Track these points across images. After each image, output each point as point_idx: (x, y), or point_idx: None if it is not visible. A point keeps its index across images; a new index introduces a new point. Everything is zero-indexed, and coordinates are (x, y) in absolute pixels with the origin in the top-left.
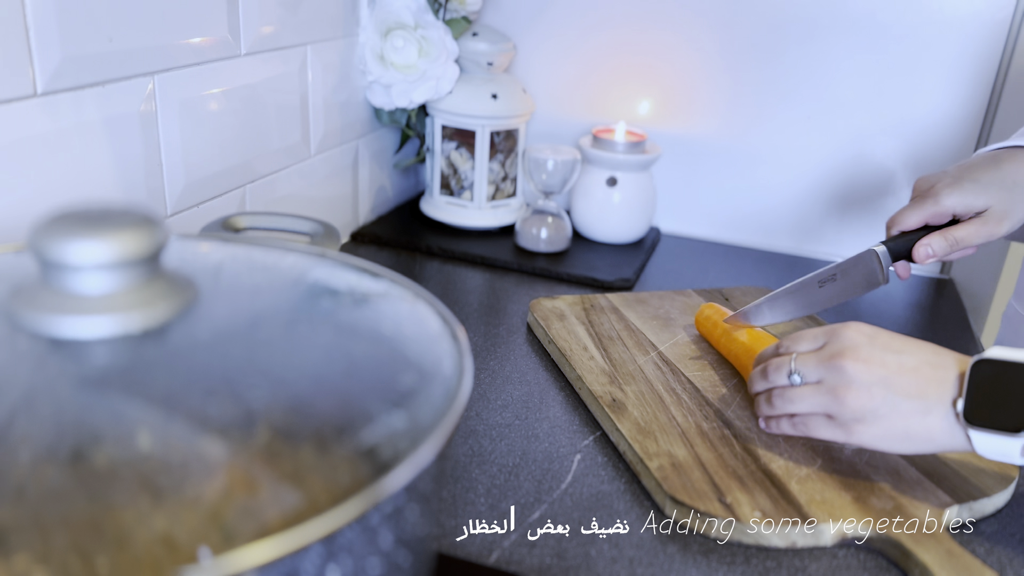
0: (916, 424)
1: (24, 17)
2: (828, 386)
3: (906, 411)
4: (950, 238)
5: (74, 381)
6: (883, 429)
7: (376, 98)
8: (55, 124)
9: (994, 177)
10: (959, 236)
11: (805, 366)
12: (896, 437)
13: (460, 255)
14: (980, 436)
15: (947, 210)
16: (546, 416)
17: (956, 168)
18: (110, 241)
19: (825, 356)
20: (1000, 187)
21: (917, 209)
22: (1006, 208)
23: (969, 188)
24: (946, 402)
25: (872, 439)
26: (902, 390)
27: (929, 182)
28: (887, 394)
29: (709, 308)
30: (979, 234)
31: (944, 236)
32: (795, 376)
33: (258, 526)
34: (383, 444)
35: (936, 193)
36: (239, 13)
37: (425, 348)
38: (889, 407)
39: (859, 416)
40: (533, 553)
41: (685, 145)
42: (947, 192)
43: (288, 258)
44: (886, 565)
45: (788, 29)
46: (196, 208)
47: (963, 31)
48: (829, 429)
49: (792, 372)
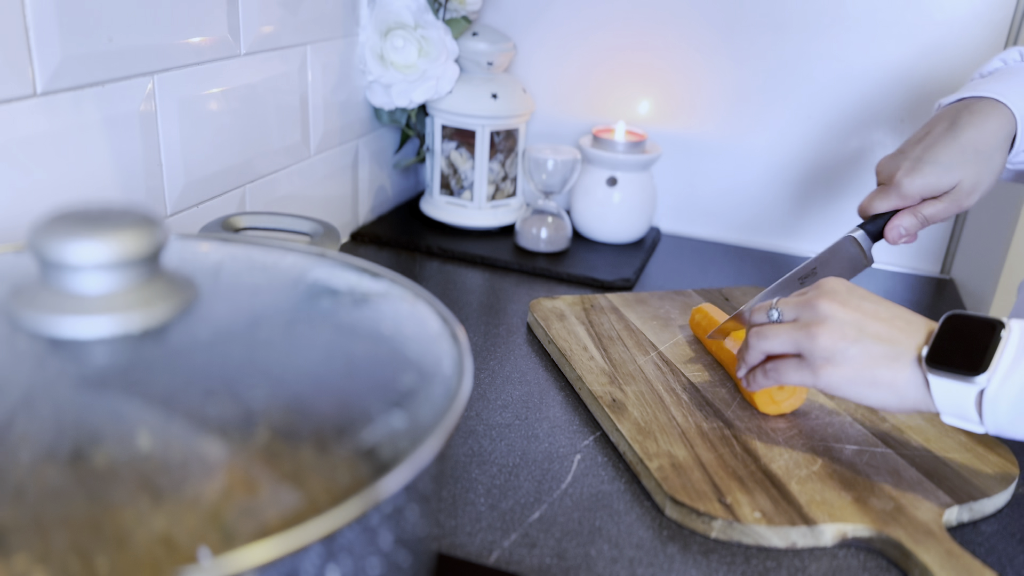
0: (883, 371)
1: (24, 17)
2: (802, 323)
3: (876, 354)
4: (920, 216)
5: (74, 381)
6: (851, 372)
7: (376, 98)
8: (55, 124)
9: (955, 153)
10: (929, 213)
11: (785, 306)
12: (863, 382)
13: (460, 255)
14: (939, 383)
15: (913, 197)
16: (546, 416)
17: (916, 147)
18: (110, 241)
19: (804, 299)
20: (963, 161)
21: (883, 198)
22: (974, 182)
23: (930, 171)
24: (913, 350)
25: (839, 381)
26: (874, 333)
27: (889, 168)
28: (859, 335)
29: (699, 313)
30: (949, 209)
31: (914, 214)
32: (773, 312)
33: (258, 526)
34: (383, 444)
35: (898, 182)
36: (239, 13)
37: (425, 348)
38: (859, 349)
39: (828, 355)
40: (533, 553)
41: (685, 145)
42: (909, 180)
43: (288, 258)
44: (886, 565)
45: (788, 29)
46: (196, 208)
47: (963, 31)
48: (798, 371)
49: (771, 309)
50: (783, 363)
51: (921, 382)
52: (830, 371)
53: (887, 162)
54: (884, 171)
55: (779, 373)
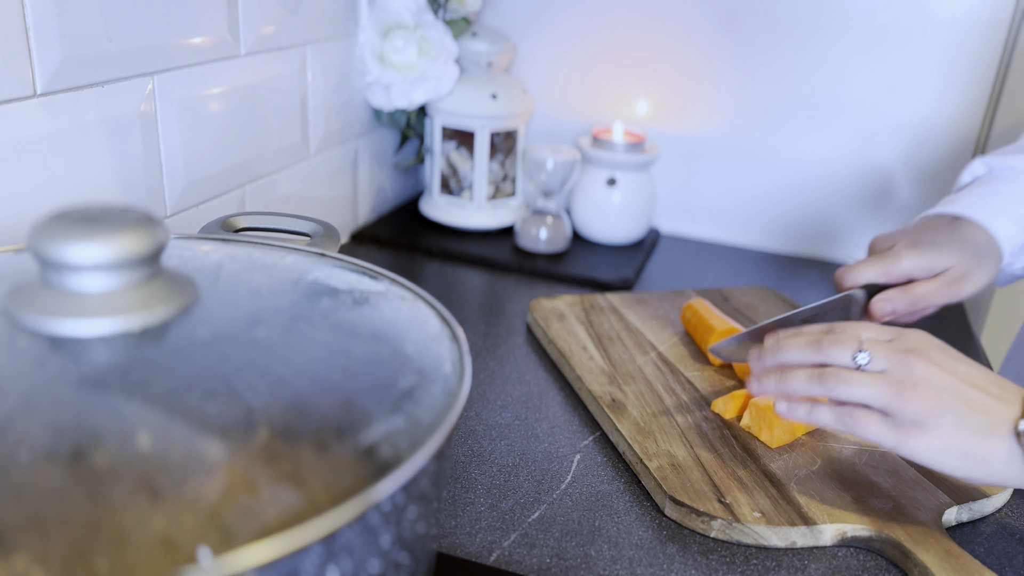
0: (977, 443)
1: (24, 17)
2: (894, 378)
3: (971, 425)
4: (912, 295)
5: (74, 381)
6: (941, 442)
7: (376, 98)
8: (55, 124)
9: (953, 240)
10: (920, 293)
11: (876, 349)
12: (953, 454)
13: (460, 255)
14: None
15: (906, 271)
16: (546, 416)
17: (914, 229)
18: (110, 241)
19: (898, 348)
20: (960, 249)
21: (874, 265)
22: (967, 270)
23: (928, 250)
24: (1010, 421)
25: (926, 450)
26: (971, 402)
27: (888, 241)
28: (956, 403)
29: (689, 310)
30: (940, 294)
31: (906, 292)
32: (862, 355)
33: (258, 526)
34: (383, 444)
35: (896, 253)
36: (239, 13)
37: (425, 348)
38: (953, 419)
39: (920, 420)
40: (533, 553)
41: (685, 145)
42: (907, 253)
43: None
44: (886, 565)
45: (787, 29)
46: (196, 208)
47: (963, 31)
48: (881, 428)
49: (860, 351)
50: (863, 414)
51: (1018, 456)
52: (919, 436)
53: (883, 236)
54: (881, 243)
55: (856, 422)
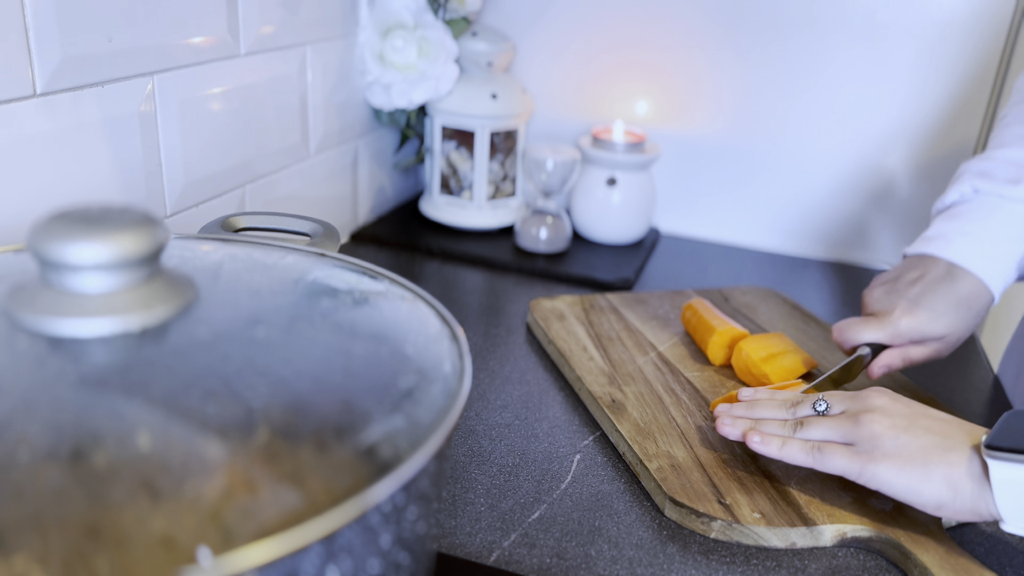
0: (937, 461)
1: (24, 17)
2: (851, 412)
3: (928, 445)
4: (908, 359)
5: (74, 381)
6: (902, 462)
7: (375, 98)
8: (54, 124)
9: (951, 305)
10: (915, 357)
11: (832, 398)
12: (914, 474)
13: (460, 255)
14: (1000, 468)
15: (903, 337)
16: (545, 416)
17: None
18: (109, 241)
19: (854, 396)
20: (957, 314)
21: (874, 330)
22: (960, 335)
23: (926, 318)
24: (967, 441)
25: (887, 472)
26: (925, 426)
27: (884, 304)
28: (910, 425)
29: (689, 310)
30: (931, 356)
31: (903, 357)
32: (820, 403)
33: (258, 526)
34: (383, 444)
35: (895, 322)
36: (238, 13)
37: (425, 348)
38: (910, 438)
39: (878, 443)
40: (533, 553)
41: (685, 145)
42: (906, 322)
43: (288, 258)
44: (885, 565)
45: (787, 29)
46: (195, 208)
47: (963, 30)
48: (845, 458)
49: (818, 401)
50: (829, 447)
51: (979, 472)
52: (879, 461)
53: (880, 296)
54: (878, 304)
55: (823, 456)
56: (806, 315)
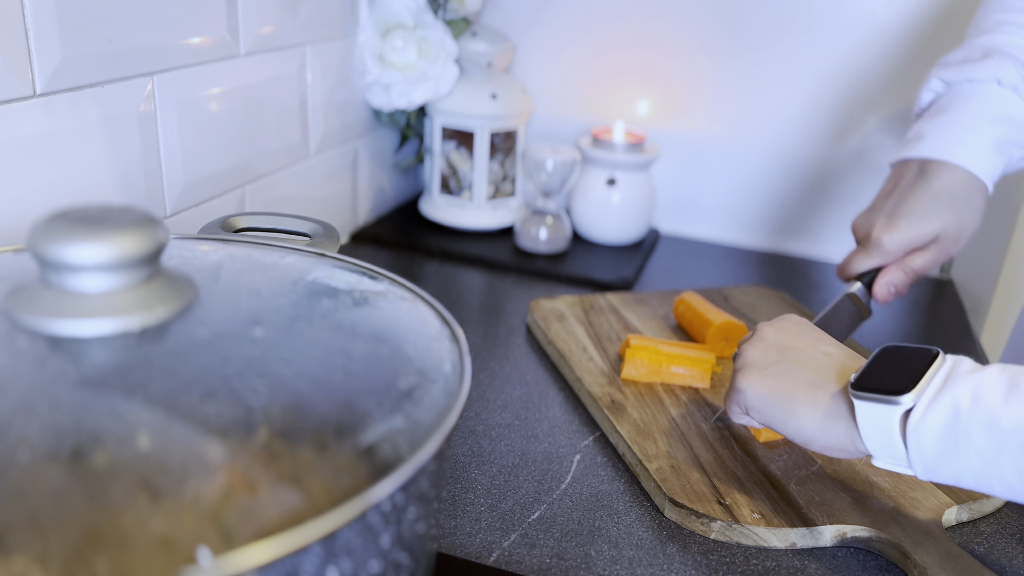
0: (803, 395)
1: (23, 17)
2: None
3: (797, 378)
4: (908, 270)
5: (74, 381)
6: (766, 387)
7: (375, 98)
8: (54, 124)
9: (929, 201)
10: (917, 266)
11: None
12: (780, 403)
13: (459, 255)
14: (863, 408)
15: (894, 252)
16: (545, 417)
17: (887, 201)
18: (109, 241)
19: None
20: (939, 209)
21: (864, 257)
22: (957, 228)
23: (906, 224)
24: (835, 379)
25: (754, 394)
26: (799, 361)
27: (864, 227)
28: (780, 357)
29: (682, 304)
30: (936, 259)
31: (903, 269)
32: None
33: (257, 527)
34: (382, 444)
35: (876, 240)
36: (238, 13)
37: (425, 348)
38: (779, 369)
39: (747, 363)
40: (533, 553)
41: (684, 145)
42: (887, 236)
43: (288, 258)
44: (885, 565)
45: (787, 29)
46: (195, 208)
47: (962, 31)
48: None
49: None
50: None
51: (845, 411)
52: (746, 374)
53: (861, 220)
54: (860, 230)
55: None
56: (806, 315)
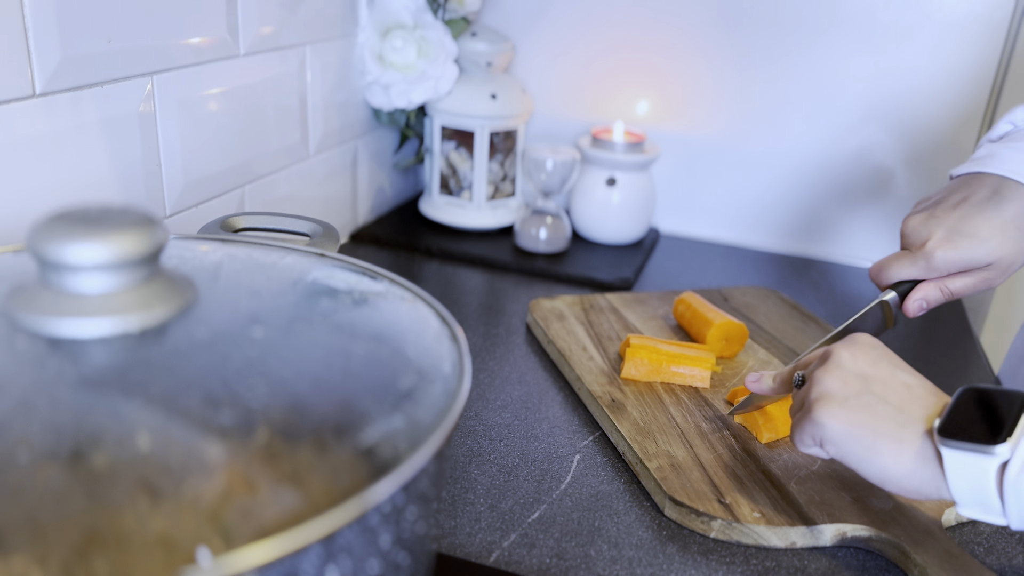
0: (887, 437)
1: (23, 17)
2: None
3: (880, 413)
4: (947, 291)
5: (73, 382)
6: (847, 422)
7: (375, 98)
8: (54, 124)
9: (996, 227)
10: (956, 288)
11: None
12: (862, 441)
13: (459, 255)
14: (953, 457)
15: (942, 270)
16: (545, 416)
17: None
18: (109, 241)
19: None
20: (1003, 238)
21: (909, 265)
22: (1011, 261)
23: (967, 245)
24: (922, 420)
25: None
26: (881, 393)
27: (920, 234)
28: (863, 389)
29: (682, 304)
30: (978, 287)
31: (940, 288)
32: (796, 375)
33: (257, 527)
34: (382, 444)
35: (929, 252)
36: (238, 13)
37: (424, 348)
38: (861, 402)
39: (826, 393)
40: (533, 553)
41: (684, 145)
42: (943, 252)
43: (287, 258)
44: (885, 565)
45: (787, 29)
46: (195, 208)
47: (962, 31)
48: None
49: (796, 374)
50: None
51: (932, 456)
52: (824, 408)
53: (917, 225)
54: (913, 236)
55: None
56: (806, 315)
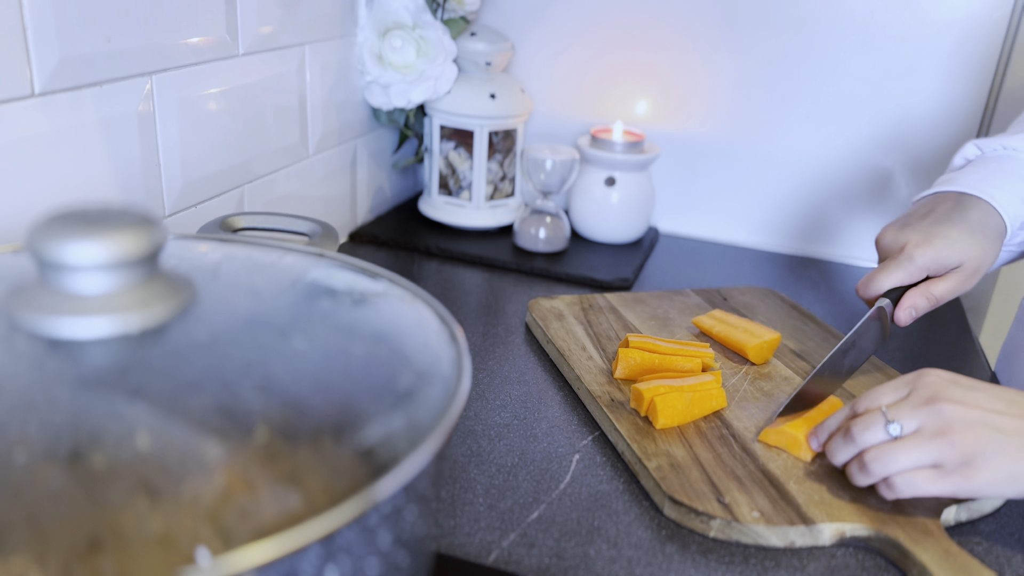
0: (1020, 463)
1: (22, 17)
2: (931, 432)
3: (1011, 449)
4: (931, 296)
5: (72, 382)
6: (990, 473)
7: (374, 98)
8: (53, 124)
9: (964, 231)
10: (939, 293)
11: (900, 414)
12: (1004, 479)
13: (458, 255)
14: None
15: (922, 272)
16: (544, 416)
17: (923, 220)
18: (108, 241)
19: (919, 402)
20: (971, 240)
21: (893, 271)
22: (979, 262)
23: (941, 246)
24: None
25: (982, 485)
26: (1003, 428)
27: (897, 241)
28: (991, 432)
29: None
30: (955, 289)
31: (925, 295)
32: (893, 426)
33: (256, 527)
34: (381, 445)
35: (909, 255)
36: (237, 13)
37: (424, 348)
38: (995, 447)
39: (968, 459)
40: (532, 553)
41: (683, 145)
42: (920, 252)
43: (286, 258)
44: (884, 565)
45: (787, 28)
46: (194, 208)
47: (961, 31)
48: (935, 482)
49: (888, 423)
50: (916, 475)
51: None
52: (970, 477)
53: (891, 236)
54: (892, 244)
55: (914, 486)
56: (805, 315)
